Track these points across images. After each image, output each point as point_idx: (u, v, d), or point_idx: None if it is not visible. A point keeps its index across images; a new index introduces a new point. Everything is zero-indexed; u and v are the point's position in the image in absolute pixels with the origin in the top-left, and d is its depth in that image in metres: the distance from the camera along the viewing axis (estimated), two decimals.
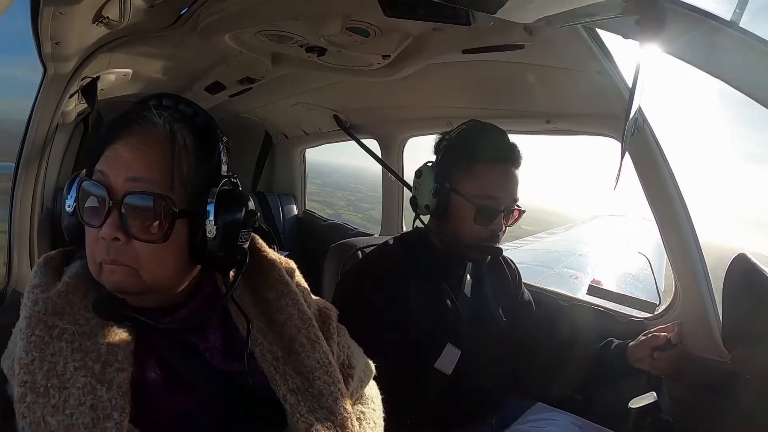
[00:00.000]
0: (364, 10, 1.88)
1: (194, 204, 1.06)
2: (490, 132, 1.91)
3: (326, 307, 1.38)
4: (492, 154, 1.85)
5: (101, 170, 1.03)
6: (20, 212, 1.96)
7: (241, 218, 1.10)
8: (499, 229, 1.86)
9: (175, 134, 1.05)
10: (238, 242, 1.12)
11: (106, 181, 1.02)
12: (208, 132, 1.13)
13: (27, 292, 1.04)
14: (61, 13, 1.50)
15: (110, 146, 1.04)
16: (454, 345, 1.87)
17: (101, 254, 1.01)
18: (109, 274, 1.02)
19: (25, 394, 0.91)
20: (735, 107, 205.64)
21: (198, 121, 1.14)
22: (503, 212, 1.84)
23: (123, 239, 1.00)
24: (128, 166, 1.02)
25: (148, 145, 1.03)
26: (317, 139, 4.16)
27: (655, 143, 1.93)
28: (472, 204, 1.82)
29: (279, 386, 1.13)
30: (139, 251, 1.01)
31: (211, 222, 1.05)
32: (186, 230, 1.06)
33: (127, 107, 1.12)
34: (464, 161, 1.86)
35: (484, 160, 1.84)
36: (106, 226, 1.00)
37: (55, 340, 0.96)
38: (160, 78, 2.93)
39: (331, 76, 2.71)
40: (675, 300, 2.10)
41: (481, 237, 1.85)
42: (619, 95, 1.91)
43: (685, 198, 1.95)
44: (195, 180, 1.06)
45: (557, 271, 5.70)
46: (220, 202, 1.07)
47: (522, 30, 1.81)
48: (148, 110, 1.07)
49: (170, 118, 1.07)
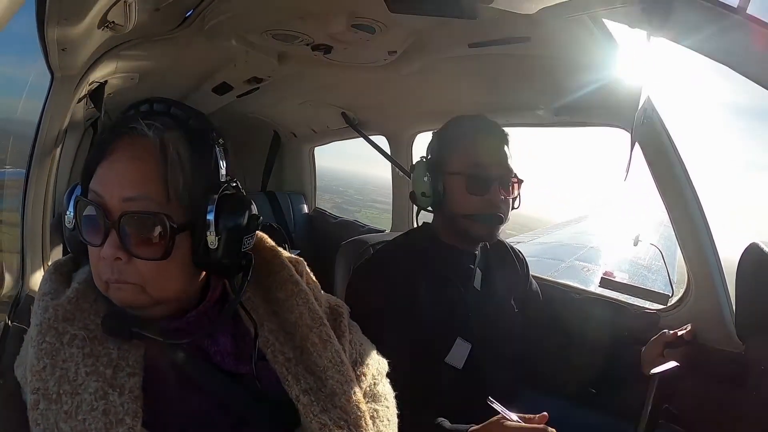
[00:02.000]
0: (369, 7, 1.88)
1: (194, 215, 1.03)
2: (473, 117, 1.97)
3: (337, 304, 1.37)
4: (477, 130, 1.91)
5: (95, 190, 1.01)
6: (32, 217, 1.97)
7: (243, 224, 1.08)
8: (496, 199, 1.83)
9: (166, 145, 1.01)
10: (242, 248, 1.10)
11: (102, 201, 0.99)
12: (203, 136, 1.08)
13: (37, 300, 1.05)
14: (66, 19, 1.50)
15: (102, 163, 1.01)
16: (464, 339, 1.87)
17: (106, 273, 1.00)
18: (116, 292, 1.02)
19: (38, 401, 0.92)
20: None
21: (192, 124, 1.08)
22: (497, 182, 1.83)
23: (125, 258, 0.99)
24: (122, 186, 0.99)
25: (140, 160, 1.00)
26: (326, 137, 4.16)
27: (665, 132, 1.92)
28: (462, 176, 1.83)
29: (291, 387, 1.12)
30: (142, 269, 1.00)
31: (212, 233, 1.03)
32: (188, 242, 1.04)
33: (118, 117, 1.10)
34: (452, 144, 1.91)
35: (468, 137, 1.89)
36: (107, 247, 0.98)
37: (66, 347, 0.97)
38: (168, 80, 2.94)
39: (338, 74, 2.71)
40: (688, 291, 2.09)
41: (477, 208, 1.84)
42: (627, 85, 1.89)
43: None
44: (193, 189, 1.03)
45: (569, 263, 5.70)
46: (220, 209, 1.04)
47: (528, 22, 1.80)
48: (136, 121, 1.02)
49: (160, 127, 1.03)
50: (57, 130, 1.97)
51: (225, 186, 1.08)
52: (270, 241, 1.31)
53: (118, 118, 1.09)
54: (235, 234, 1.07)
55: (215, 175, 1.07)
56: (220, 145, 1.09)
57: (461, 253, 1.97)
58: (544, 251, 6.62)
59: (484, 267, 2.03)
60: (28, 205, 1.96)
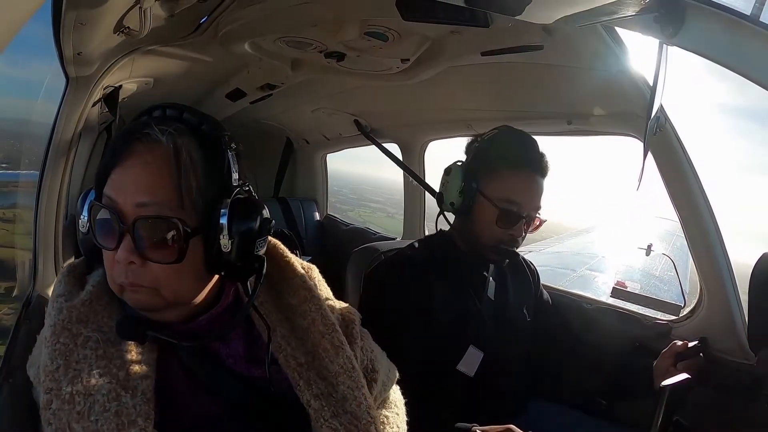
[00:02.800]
0: (382, 15, 1.88)
1: (207, 219, 1.04)
2: (521, 139, 1.93)
3: (349, 311, 1.38)
4: (520, 161, 1.87)
5: (109, 195, 1.02)
6: (45, 218, 1.98)
7: (256, 227, 1.09)
8: (519, 235, 1.88)
9: (179, 151, 1.02)
10: (255, 251, 1.11)
11: (116, 206, 1.00)
12: (215, 141, 1.09)
13: (51, 301, 1.06)
14: (82, 23, 1.51)
15: (115, 169, 1.02)
16: (476, 347, 1.87)
17: (120, 276, 1.01)
18: (131, 294, 1.03)
19: (50, 401, 0.92)
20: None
21: (204, 129, 1.10)
22: (524, 219, 1.85)
23: (139, 262, 1.00)
24: (135, 191, 1.00)
25: (153, 165, 1.01)
26: (338, 144, 4.16)
27: (678, 142, 1.91)
28: (496, 207, 1.84)
29: (303, 392, 1.13)
30: (156, 272, 1.01)
31: (225, 236, 1.04)
32: (202, 245, 1.04)
33: (131, 122, 1.11)
34: (493, 165, 1.88)
35: (512, 166, 1.87)
36: (121, 251, 0.99)
37: (79, 348, 0.98)
38: (182, 86, 2.96)
39: (350, 81, 2.72)
40: (700, 302, 2.07)
41: (500, 239, 1.87)
42: (639, 94, 1.89)
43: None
44: (205, 193, 1.05)
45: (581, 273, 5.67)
46: (233, 213, 1.05)
47: (540, 30, 1.81)
48: (149, 127, 1.04)
49: (174, 133, 1.04)
50: (71, 133, 1.99)
51: (237, 190, 1.08)
52: (283, 247, 1.32)
53: (132, 123, 1.10)
54: (248, 237, 1.08)
55: (227, 179, 1.08)
56: (232, 150, 1.10)
57: (477, 262, 1.97)
58: (556, 260, 6.59)
59: (497, 276, 2.03)
60: (41, 206, 1.97)
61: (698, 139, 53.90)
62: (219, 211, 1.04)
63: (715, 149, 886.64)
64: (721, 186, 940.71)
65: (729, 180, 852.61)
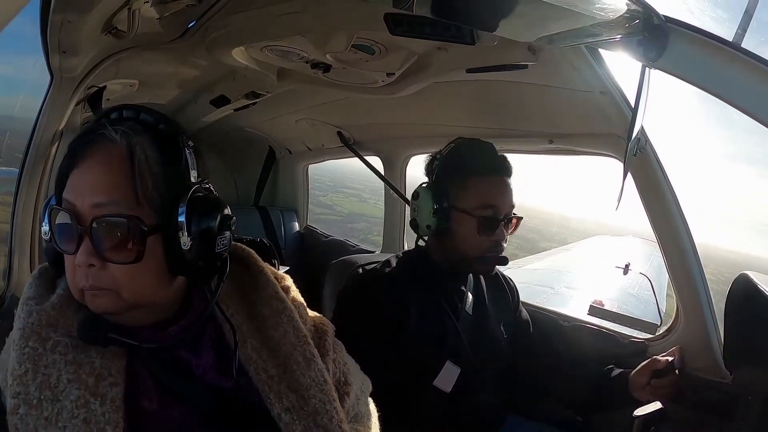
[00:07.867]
0: (370, 28, 1.89)
1: (165, 217, 1.03)
2: (480, 147, 1.97)
3: (323, 323, 1.37)
4: (486, 167, 1.90)
5: (68, 198, 1.01)
6: (22, 218, 1.96)
7: (215, 225, 1.08)
8: (502, 238, 1.89)
9: (133, 149, 1.02)
10: (216, 249, 1.10)
11: (74, 208, 1.00)
12: (172, 139, 1.09)
13: (21, 304, 1.04)
14: (70, 22, 1.51)
15: (73, 171, 1.02)
16: (453, 363, 1.87)
17: (81, 281, 1.00)
18: (92, 299, 1.01)
19: (17, 405, 0.91)
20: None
21: (161, 128, 1.10)
22: (503, 221, 1.87)
23: (98, 264, 0.99)
24: (92, 192, 1.00)
25: (108, 165, 1.01)
26: (320, 155, 4.15)
27: (658, 163, 1.94)
28: (473, 216, 1.85)
29: (273, 405, 1.12)
30: (116, 274, 1.00)
31: (184, 234, 1.03)
32: (161, 244, 1.03)
33: (87, 125, 1.10)
34: (459, 177, 1.90)
35: (479, 174, 1.89)
36: (80, 254, 0.99)
37: (48, 352, 0.97)
38: (166, 89, 2.95)
39: (335, 93, 2.72)
40: (676, 320, 2.09)
41: (485, 248, 1.87)
42: (621, 115, 1.91)
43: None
44: (163, 191, 1.04)
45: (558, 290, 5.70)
46: (191, 211, 1.04)
47: (526, 50, 1.83)
48: (104, 128, 1.03)
49: (128, 132, 1.03)
50: (53, 132, 1.97)
51: (196, 188, 1.08)
52: (256, 256, 1.31)
53: (87, 125, 1.09)
54: (208, 234, 1.07)
55: (186, 177, 1.08)
56: (190, 148, 1.10)
57: (455, 277, 1.98)
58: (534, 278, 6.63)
59: (475, 291, 2.03)
60: (19, 205, 1.95)
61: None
62: (177, 209, 1.03)
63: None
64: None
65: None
